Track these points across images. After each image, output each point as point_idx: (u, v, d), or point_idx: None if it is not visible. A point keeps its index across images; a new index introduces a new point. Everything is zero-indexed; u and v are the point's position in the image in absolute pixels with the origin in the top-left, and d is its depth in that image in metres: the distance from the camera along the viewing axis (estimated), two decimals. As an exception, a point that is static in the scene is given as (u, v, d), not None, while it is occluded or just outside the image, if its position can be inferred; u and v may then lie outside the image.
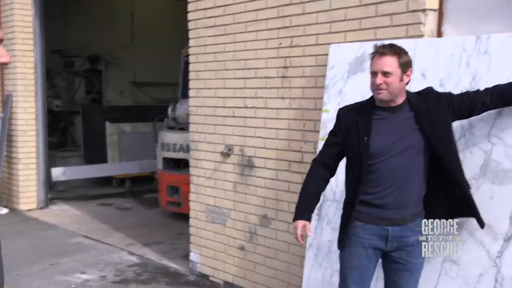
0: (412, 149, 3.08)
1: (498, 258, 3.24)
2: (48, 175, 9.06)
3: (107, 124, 10.57)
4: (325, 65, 4.33)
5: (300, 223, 3.21)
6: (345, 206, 3.28)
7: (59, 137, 11.81)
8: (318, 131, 4.33)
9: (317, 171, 3.29)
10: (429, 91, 3.22)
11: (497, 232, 3.25)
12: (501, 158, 3.29)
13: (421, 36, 3.84)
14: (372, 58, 3.10)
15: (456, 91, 3.49)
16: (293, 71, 4.67)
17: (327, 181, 3.35)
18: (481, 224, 3.18)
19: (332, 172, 3.31)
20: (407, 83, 3.13)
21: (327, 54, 4.32)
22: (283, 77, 4.76)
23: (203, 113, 5.54)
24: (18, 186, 8.73)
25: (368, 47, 3.92)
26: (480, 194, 3.34)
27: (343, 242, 3.22)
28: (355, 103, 3.31)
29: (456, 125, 3.48)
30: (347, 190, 3.30)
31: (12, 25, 8.46)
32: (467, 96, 3.18)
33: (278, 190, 4.82)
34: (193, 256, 5.71)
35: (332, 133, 3.29)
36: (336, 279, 3.94)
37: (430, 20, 3.87)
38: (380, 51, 3.05)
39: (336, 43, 4.28)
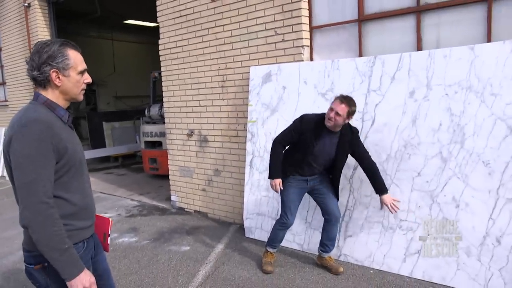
0: (329, 157, 3.24)
1: (351, 178, 3.66)
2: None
3: (104, 123, 10.28)
4: (248, 79, 4.49)
5: (278, 180, 3.26)
6: (288, 168, 3.31)
7: (70, 134, 11.48)
8: (247, 117, 4.50)
9: (280, 148, 3.28)
10: (356, 132, 3.27)
11: (349, 165, 3.54)
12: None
13: (302, 60, 4.08)
14: (335, 100, 3.05)
15: (323, 91, 3.82)
16: (229, 83, 4.77)
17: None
18: (337, 199, 3.44)
19: (284, 149, 3.32)
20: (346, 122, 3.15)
21: (248, 72, 4.49)
22: (222, 87, 4.84)
23: (173, 111, 5.51)
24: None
25: (273, 68, 4.22)
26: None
27: (285, 173, 3.30)
28: (314, 117, 3.23)
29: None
30: (291, 161, 3.30)
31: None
32: (363, 151, 3.24)
33: (224, 154, 4.93)
34: (173, 197, 5.74)
35: (293, 130, 3.25)
36: (262, 201, 4.25)
37: (306, 52, 4.13)
38: (342, 99, 3.02)
39: (253, 66, 4.44)
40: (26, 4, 7.96)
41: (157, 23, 5.54)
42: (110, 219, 2.02)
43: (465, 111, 3.13)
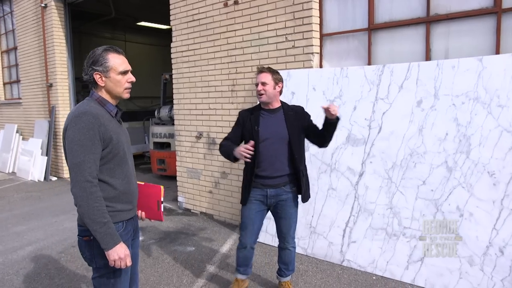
0: (281, 139, 2.87)
1: (356, 185, 3.72)
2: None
3: (113, 123, 10.42)
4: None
5: (238, 147, 2.70)
6: (246, 177, 2.98)
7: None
8: (255, 122, 4.61)
9: (224, 141, 2.93)
10: (298, 107, 3.04)
11: (355, 171, 3.68)
12: (356, 132, 3.71)
13: (311, 67, 4.13)
14: (256, 74, 2.91)
15: (332, 98, 3.84)
16: (238, 87, 4.82)
17: None
18: (303, 200, 3.02)
19: (229, 142, 2.93)
20: (280, 92, 2.92)
21: (258, 77, 4.62)
22: (232, 91, 4.90)
23: (183, 113, 5.57)
24: (63, 163, 8.38)
25: (282, 74, 4.16)
26: (346, 153, 3.74)
27: (245, 200, 2.98)
28: (249, 108, 3.09)
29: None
30: (247, 164, 2.94)
31: (54, 63, 8.14)
32: (316, 127, 2.96)
33: (231, 157, 5.05)
34: (180, 198, 5.81)
35: (235, 124, 3.03)
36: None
37: (316, 58, 4.19)
38: (260, 70, 2.91)
39: (263, 71, 4.57)
40: (43, 5, 8.13)
41: (169, 25, 5.63)
42: (162, 186, 2.18)
43: (472, 121, 3.15)
